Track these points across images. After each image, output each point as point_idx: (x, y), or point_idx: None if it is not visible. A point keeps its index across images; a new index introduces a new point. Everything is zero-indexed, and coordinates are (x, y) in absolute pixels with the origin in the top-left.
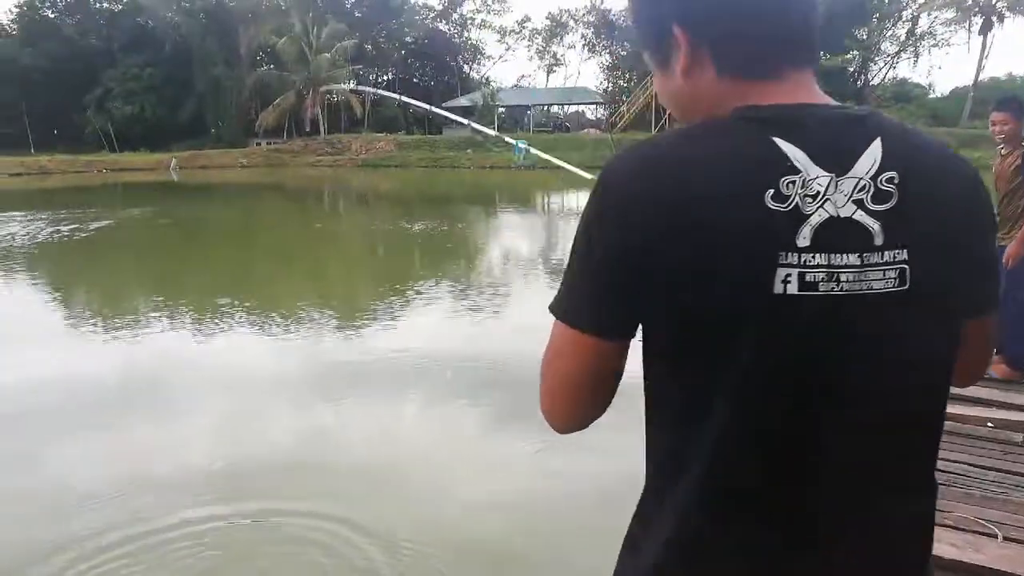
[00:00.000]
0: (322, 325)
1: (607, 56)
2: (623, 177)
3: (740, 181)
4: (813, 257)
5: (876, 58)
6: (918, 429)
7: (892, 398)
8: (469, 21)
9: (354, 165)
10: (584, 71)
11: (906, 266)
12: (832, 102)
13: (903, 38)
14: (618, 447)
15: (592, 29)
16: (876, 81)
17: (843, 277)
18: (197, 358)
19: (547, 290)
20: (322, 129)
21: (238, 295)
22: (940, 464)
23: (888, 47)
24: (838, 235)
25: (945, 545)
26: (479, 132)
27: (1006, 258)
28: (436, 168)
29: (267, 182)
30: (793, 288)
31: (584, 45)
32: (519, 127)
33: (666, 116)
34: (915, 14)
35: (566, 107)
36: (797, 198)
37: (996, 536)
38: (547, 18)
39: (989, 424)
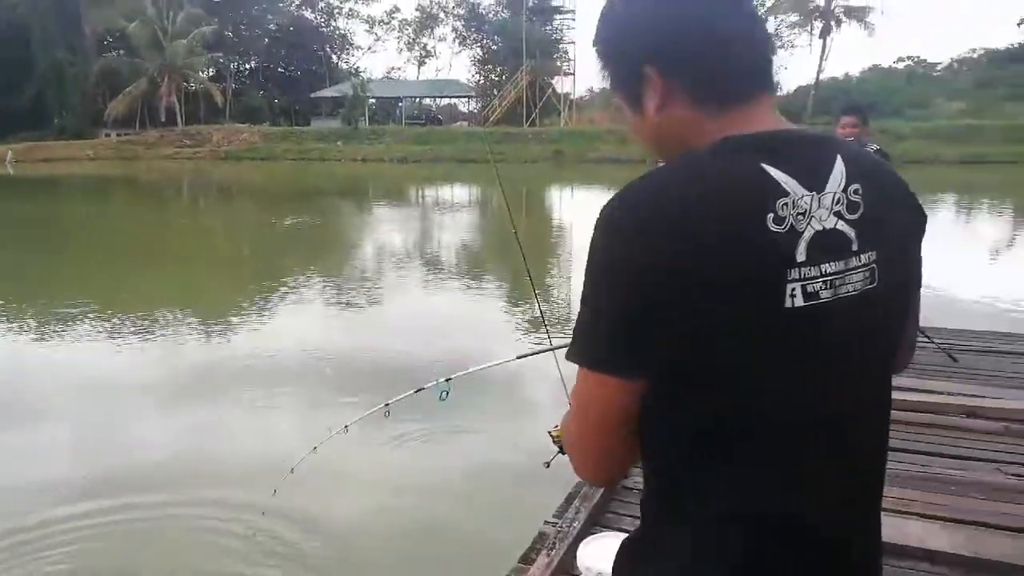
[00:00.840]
0: (185, 327)
1: (478, 49)
2: (627, 220)
3: (743, 210)
4: (810, 269)
5: None
6: (887, 417)
7: (876, 392)
8: (336, 10)
9: (216, 157)
10: (456, 64)
11: (875, 266)
12: (792, 124)
13: None
14: (479, 429)
15: (462, 22)
16: None
17: (835, 283)
18: (48, 364)
19: (423, 283)
20: (179, 119)
21: (91, 297)
22: None
23: None
24: (826, 246)
25: None
26: None
27: None
28: (304, 160)
29: (119, 175)
30: (799, 301)
31: (455, 38)
32: (391, 119)
33: (536, 111)
34: (764, 16)
35: (438, 100)
36: (791, 218)
37: None
38: (417, 9)
39: None
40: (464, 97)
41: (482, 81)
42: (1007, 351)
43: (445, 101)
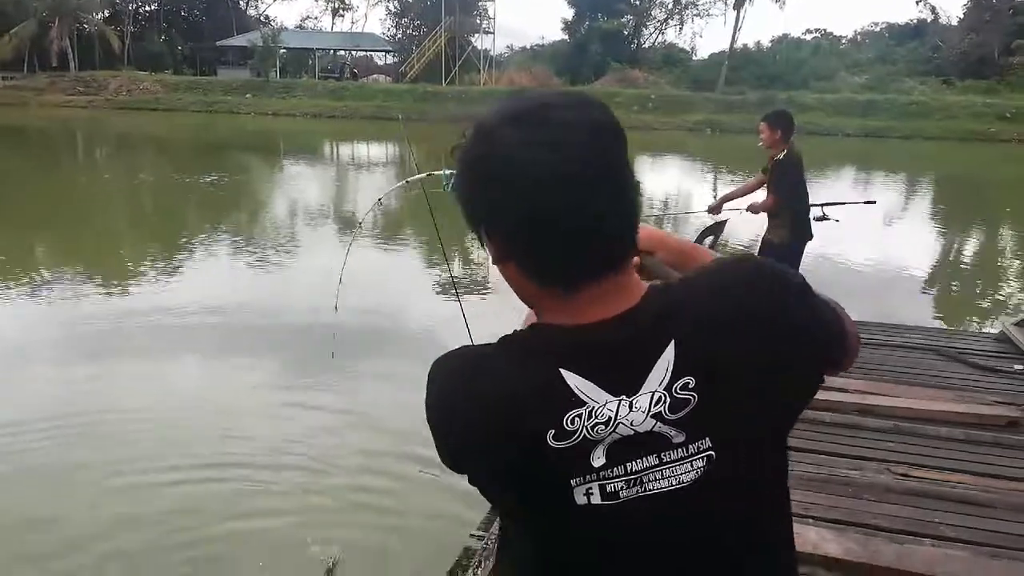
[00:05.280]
0: (90, 287)
1: (395, 2)
2: (434, 403)
3: (523, 422)
4: (612, 470)
5: (648, 23)
6: (776, 529)
7: (729, 551)
8: None
9: (113, 107)
10: (372, 17)
11: (712, 452)
12: (630, 305)
13: (670, 5)
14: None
15: None
16: (647, 44)
17: (645, 479)
18: None
19: (335, 243)
20: (72, 64)
21: None
22: None
23: (658, 13)
24: (635, 447)
25: None
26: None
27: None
28: (211, 113)
29: (5, 124)
30: (597, 499)
31: None
32: (304, 72)
33: (455, 69)
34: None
35: (354, 53)
36: (584, 430)
37: None
38: None
39: None
40: (381, 51)
41: (399, 36)
42: (896, 344)
43: (361, 54)
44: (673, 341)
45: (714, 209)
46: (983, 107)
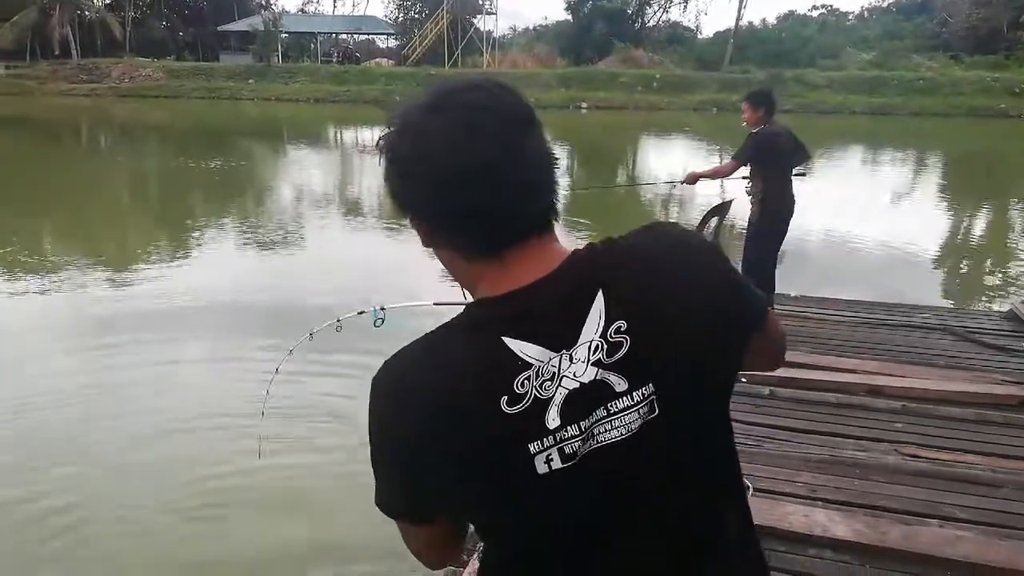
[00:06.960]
0: (104, 273)
1: None
2: (382, 396)
3: (475, 395)
4: (567, 430)
5: (652, 1)
6: (726, 494)
7: (688, 493)
8: None
9: (116, 95)
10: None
11: (654, 396)
12: (558, 264)
13: None
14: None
15: None
16: (651, 23)
17: (596, 431)
18: None
19: (343, 227)
20: (74, 51)
21: None
22: None
23: None
24: (583, 400)
25: None
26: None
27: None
28: (214, 100)
29: (10, 114)
30: (557, 463)
31: None
32: (305, 56)
33: (458, 51)
34: None
35: (356, 36)
36: (534, 390)
37: (748, 488)
38: None
39: (743, 380)
40: (383, 34)
41: (401, 18)
42: (905, 323)
43: (362, 38)
44: (601, 289)
45: (691, 180)
46: (991, 82)
